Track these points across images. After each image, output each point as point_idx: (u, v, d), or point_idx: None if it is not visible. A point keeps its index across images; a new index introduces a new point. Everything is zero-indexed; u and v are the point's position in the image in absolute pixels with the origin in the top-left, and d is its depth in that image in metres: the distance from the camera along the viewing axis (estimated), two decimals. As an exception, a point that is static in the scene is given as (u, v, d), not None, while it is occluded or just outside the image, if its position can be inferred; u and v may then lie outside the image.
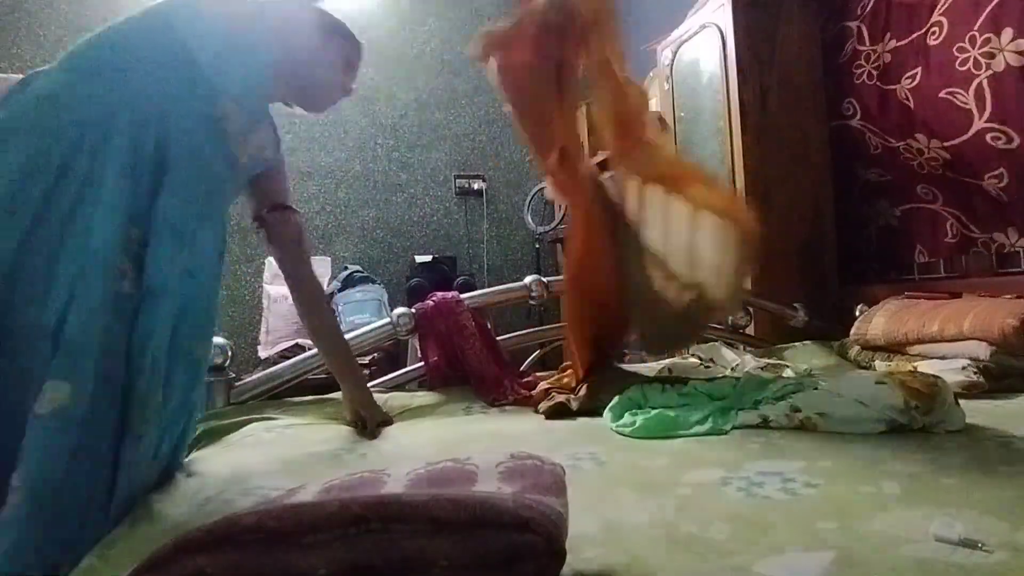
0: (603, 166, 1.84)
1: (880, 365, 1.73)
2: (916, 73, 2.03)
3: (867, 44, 2.21)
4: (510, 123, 4.19)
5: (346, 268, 3.56)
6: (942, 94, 1.95)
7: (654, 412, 1.25)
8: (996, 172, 1.88)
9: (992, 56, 1.80)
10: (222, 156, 1.11)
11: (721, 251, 1.38)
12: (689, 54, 2.65)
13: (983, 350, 1.54)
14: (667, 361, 1.91)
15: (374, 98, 3.94)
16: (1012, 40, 1.75)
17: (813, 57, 2.41)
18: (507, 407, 1.59)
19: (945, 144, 1.98)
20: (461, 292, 1.90)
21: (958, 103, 1.91)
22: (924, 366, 1.55)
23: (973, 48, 1.85)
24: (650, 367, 1.82)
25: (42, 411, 0.86)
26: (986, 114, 1.85)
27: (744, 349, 2.04)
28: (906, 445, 1.02)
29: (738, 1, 2.32)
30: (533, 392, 1.60)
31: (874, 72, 2.19)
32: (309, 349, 1.77)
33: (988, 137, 1.85)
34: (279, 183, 1.33)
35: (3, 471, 0.86)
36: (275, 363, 1.97)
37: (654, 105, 3.05)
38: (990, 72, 1.82)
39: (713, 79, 2.45)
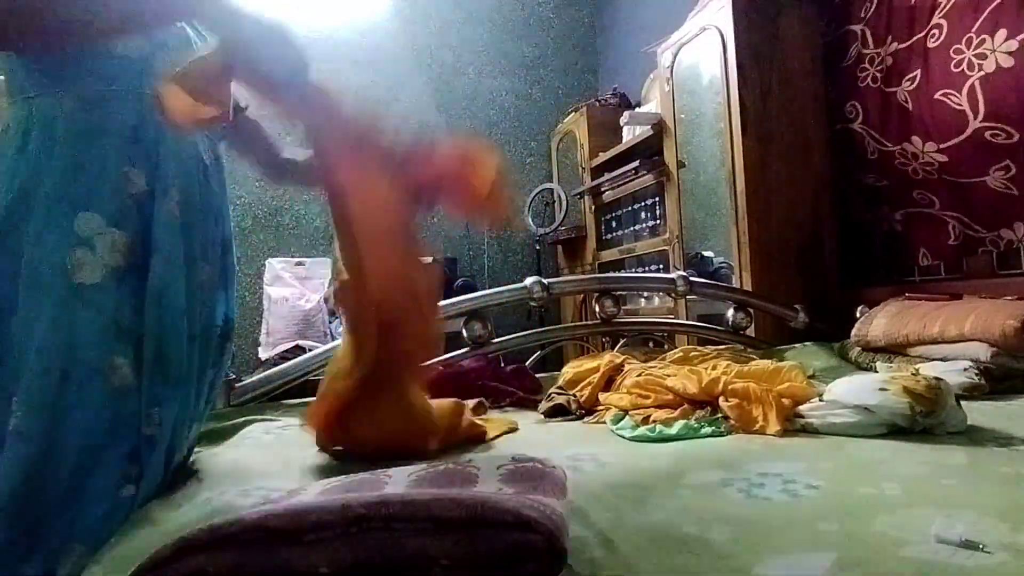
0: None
1: (881, 366, 1.73)
2: (916, 76, 2.03)
3: (871, 47, 2.21)
4: (511, 125, 4.27)
5: (347, 270, 3.56)
6: (937, 96, 1.95)
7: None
8: (1002, 164, 1.88)
9: (984, 57, 1.81)
10: None
11: None
12: (689, 56, 2.65)
13: (984, 351, 1.54)
14: None
15: (374, 99, 3.94)
16: (1005, 40, 1.75)
17: (814, 59, 2.41)
18: (507, 408, 1.60)
19: (941, 146, 1.99)
20: (462, 293, 1.89)
21: (952, 104, 1.91)
22: (925, 367, 1.55)
23: (968, 50, 1.85)
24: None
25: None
26: (981, 114, 1.85)
27: (747, 351, 2.03)
28: (907, 446, 1.02)
29: (738, 3, 2.32)
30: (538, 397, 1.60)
31: (878, 75, 2.19)
32: (310, 350, 1.77)
33: (987, 134, 1.86)
34: None
35: None
36: (276, 364, 1.97)
37: (654, 107, 3.05)
38: (981, 73, 1.82)
39: (713, 81, 2.45)
